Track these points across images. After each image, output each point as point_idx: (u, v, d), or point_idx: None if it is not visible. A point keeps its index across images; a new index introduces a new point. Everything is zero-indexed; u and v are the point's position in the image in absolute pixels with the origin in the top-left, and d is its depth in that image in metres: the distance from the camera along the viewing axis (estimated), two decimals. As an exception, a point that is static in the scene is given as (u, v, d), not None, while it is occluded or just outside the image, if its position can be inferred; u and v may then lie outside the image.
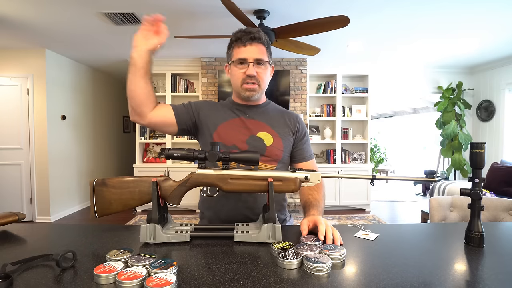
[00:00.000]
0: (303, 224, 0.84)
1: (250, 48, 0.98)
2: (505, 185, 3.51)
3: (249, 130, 1.03)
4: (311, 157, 1.11)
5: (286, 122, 1.09)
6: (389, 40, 3.38)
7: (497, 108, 4.31)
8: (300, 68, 4.27)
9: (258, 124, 1.05)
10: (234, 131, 1.02)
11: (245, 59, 0.98)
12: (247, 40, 0.97)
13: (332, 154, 4.45)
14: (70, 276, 0.60)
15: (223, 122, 1.04)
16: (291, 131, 1.08)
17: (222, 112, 1.07)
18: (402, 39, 3.35)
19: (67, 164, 4.24)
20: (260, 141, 1.02)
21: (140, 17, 2.75)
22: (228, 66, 1.05)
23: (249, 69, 0.98)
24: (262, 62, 0.99)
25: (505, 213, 1.44)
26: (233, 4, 2.06)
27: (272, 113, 1.09)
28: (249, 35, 0.98)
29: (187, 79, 4.43)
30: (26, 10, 2.58)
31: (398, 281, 0.58)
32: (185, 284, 0.56)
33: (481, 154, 0.76)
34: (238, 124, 1.04)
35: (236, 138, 1.01)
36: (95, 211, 0.82)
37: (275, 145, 1.03)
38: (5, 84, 3.67)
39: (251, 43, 0.98)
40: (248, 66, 0.98)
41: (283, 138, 1.05)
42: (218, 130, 1.03)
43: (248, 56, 0.98)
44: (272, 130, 1.05)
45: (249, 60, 0.98)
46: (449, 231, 0.92)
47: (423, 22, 2.87)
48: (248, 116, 1.06)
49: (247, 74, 0.98)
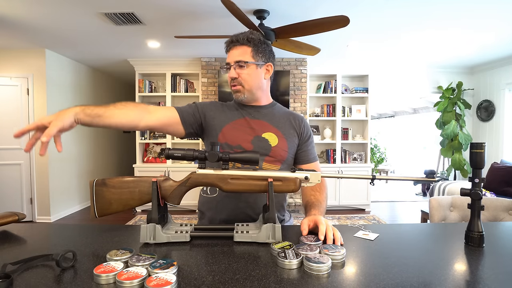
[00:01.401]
0: (303, 224, 0.84)
1: (232, 52, 1.03)
2: (505, 185, 3.51)
3: (254, 131, 1.04)
4: (315, 159, 1.11)
5: (292, 124, 1.09)
6: (389, 40, 3.38)
7: (497, 108, 4.31)
8: (300, 68, 4.27)
9: (263, 124, 1.05)
10: (239, 132, 1.03)
11: (228, 63, 1.03)
12: (229, 45, 1.04)
13: (332, 154, 4.45)
14: (70, 276, 0.60)
15: (229, 123, 1.05)
16: (296, 132, 1.09)
17: (228, 113, 1.08)
18: (402, 39, 3.35)
19: (67, 164, 4.24)
20: (265, 141, 1.03)
21: (140, 17, 2.75)
22: None
23: (229, 72, 1.03)
24: (242, 63, 1.01)
25: (505, 213, 1.44)
26: (233, 4, 2.06)
27: (277, 114, 1.10)
28: (230, 41, 1.03)
29: (187, 79, 4.43)
30: (26, 10, 2.58)
31: (398, 281, 0.58)
32: (185, 284, 0.56)
33: (481, 154, 0.76)
34: (243, 124, 1.05)
35: (241, 138, 1.02)
36: (95, 211, 0.82)
37: (280, 146, 1.03)
38: (5, 84, 3.67)
39: (232, 47, 1.03)
40: (230, 69, 1.03)
41: (288, 139, 1.06)
42: (224, 131, 1.03)
43: (230, 60, 1.02)
44: (277, 131, 1.05)
45: (231, 64, 1.02)
46: (449, 231, 0.92)
47: (423, 22, 2.87)
48: (253, 117, 1.06)
49: (229, 76, 1.03)
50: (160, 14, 2.70)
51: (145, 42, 3.51)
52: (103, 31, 3.10)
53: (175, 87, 4.34)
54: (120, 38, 3.36)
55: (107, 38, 3.36)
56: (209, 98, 4.20)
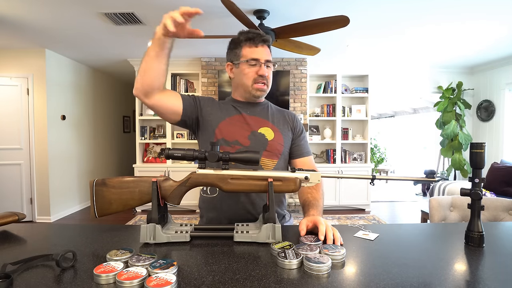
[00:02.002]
0: (301, 224, 0.84)
1: (262, 49, 1.02)
2: (505, 185, 3.51)
3: (250, 126, 1.05)
4: (308, 154, 1.13)
5: (286, 119, 1.13)
6: (389, 37, 3.38)
7: (497, 108, 4.31)
8: (300, 68, 4.27)
9: (259, 120, 1.07)
10: (236, 127, 1.04)
11: (257, 59, 1.01)
12: (260, 41, 1.02)
13: (332, 154, 4.45)
14: (70, 276, 0.60)
15: (225, 119, 1.05)
16: (290, 127, 1.12)
17: (224, 109, 1.08)
18: (402, 39, 3.35)
19: (67, 164, 4.24)
20: (261, 136, 1.04)
21: (140, 17, 2.75)
22: (234, 65, 1.06)
23: (261, 69, 1.01)
24: (270, 64, 1.04)
25: (505, 213, 1.44)
26: (233, 4, 2.06)
27: (271, 111, 1.13)
28: (261, 37, 1.02)
29: (187, 79, 4.43)
30: (26, 10, 2.58)
31: (398, 281, 0.58)
32: (185, 284, 0.56)
33: (481, 154, 0.76)
34: (240, 120, 1.06)
35: (238, 133, 1.03)
36: (95, 211, 0.82)
37: (276, 140, 1.05)
38: (5, 84, 3.67)
39: (263, 45, 1.02)
40: (261, 66, 1.01)
41: (283, 133, 1.08)
42: (220, 127, 1.04)
43: (260, 57, 1.01)
44: (273, 125, 1.08)
45: (261, 61, 1.01)
46: (449, 231, 0.92)
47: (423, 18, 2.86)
48: (250, 113, 1.08)
49: (259, 73, 1.01)
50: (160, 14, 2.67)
51: (145, 42, 3.51)
52: (103, 31, 3.10)
53: (175, 87, 4.34)
54: (120, 38, 3.36)
55: (107, 38, 3.36)
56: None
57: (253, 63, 1.01)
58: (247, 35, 1.02)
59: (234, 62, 1.05)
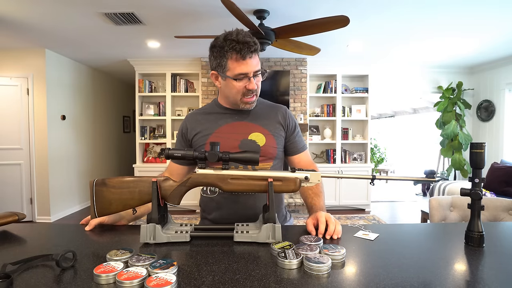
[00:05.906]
0: (309, 225, 0.86)
1: (250, 61, 0.91)
2: (505, 185, 3.51)
3: (239, 135, 1.02)
4: (304, 148, 1.11)
5: (277, 118, 1.07)
6: (389, 40, 3.38)
7: (497, 108, 4.31)
8: (300, 68, 4.27)
9: (249, 125, 1.04)
10: (224, 140, 0.99)
11: (246, 73, 0.92)
12: (248, 53, 0.90)
13: (332, 154, 4.45)
14: (70, 276, 0.60)
15: (212, 133, 1.02)
16: (282, 126, 1.07)
17: (211, 121, 1.05)
18: (402, 39, 3.35)
19: (67, 164, 4.24)
20: (253, 143, 1.01)
21: (140, 17, 2.74)
22: (220, 76, 0.96)
23: (251, 83, 0.94)
24: (259, 73, 0.96)
25: (505, 213, 1.44)
26: (233, 4, 2.06)
27: (261, 112, 1.07)
28: (249, 48, 0.90)
29: (187, 79, 4.43)
30: (26, 10, 2.58)
31: (398, 281, 0.58)
32: (185, 284, 0.56)
33: (481, 154, 0.76)
34: (228, 131, 1.02)
35: (227, 146, 0.97)
36: (95, 211, 0.82)
37: (268, 144, 1.02)
38: (5, 84, 3.67)
39: (251, 56, 0.91)
40: (250, 80, 0.93)
41: (275, 135, 1.04)
42: (208, 143, 1.01)
43: (249, 71, 0.92)
44: (264, 129, 1.04)
45: (250, 75, 0.93)
46: (449, 231, 0.92)
47: (423, 23, 2.87)
48: (237, 119, 1.04)
49: (249, 88, 0.94)
50: (160, 14, 2.70)
51: (145, 42, 3.51)
52: (103, 31, 3.10)
53: (175, 87, 4.34)
54: (120, 38, 3.36)
55: (107, 38, 3.36)
56: (209, 98, 4.19)
57: (241, 77, 0.93)
58: (232, 45, 0.89)
59: (219, 73, 0.96)
